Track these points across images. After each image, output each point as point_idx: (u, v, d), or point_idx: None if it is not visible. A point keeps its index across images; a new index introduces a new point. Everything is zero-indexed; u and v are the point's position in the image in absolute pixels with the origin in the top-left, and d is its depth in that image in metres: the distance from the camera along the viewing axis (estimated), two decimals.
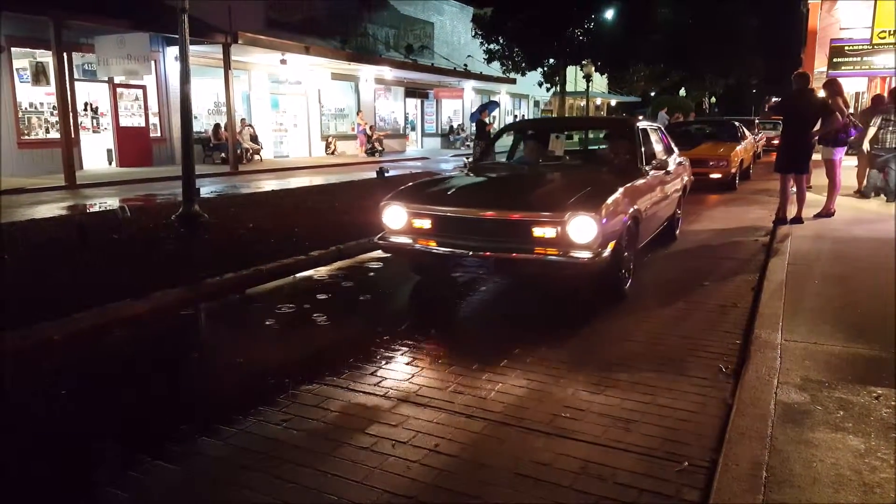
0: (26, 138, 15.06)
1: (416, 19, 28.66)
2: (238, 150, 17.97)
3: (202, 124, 19.18)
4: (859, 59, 16.08)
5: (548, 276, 5.39)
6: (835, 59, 16.55)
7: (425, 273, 5.79)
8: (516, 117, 36.78)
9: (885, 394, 3.10)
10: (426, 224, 4.98)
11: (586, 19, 30.09)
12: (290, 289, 5.70)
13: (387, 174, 14.00)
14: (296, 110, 23.33)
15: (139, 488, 2.58)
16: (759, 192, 12.10)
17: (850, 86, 18.93)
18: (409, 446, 2.85)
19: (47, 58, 14.07)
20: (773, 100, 23.32)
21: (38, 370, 3.87)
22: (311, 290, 5.55)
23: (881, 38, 13.62)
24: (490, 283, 5.74)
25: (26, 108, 15.18)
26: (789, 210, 7.90)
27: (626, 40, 29.63)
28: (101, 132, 17.07)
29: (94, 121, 17.02)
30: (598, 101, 43.93)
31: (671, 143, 7.45)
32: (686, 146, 11.93)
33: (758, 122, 22.80)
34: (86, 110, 16.70)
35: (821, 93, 8.28)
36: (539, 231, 4.56)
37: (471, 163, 6.79)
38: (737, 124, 14.73)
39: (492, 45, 31.05)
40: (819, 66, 19.41)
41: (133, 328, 4.59)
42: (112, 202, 10.71)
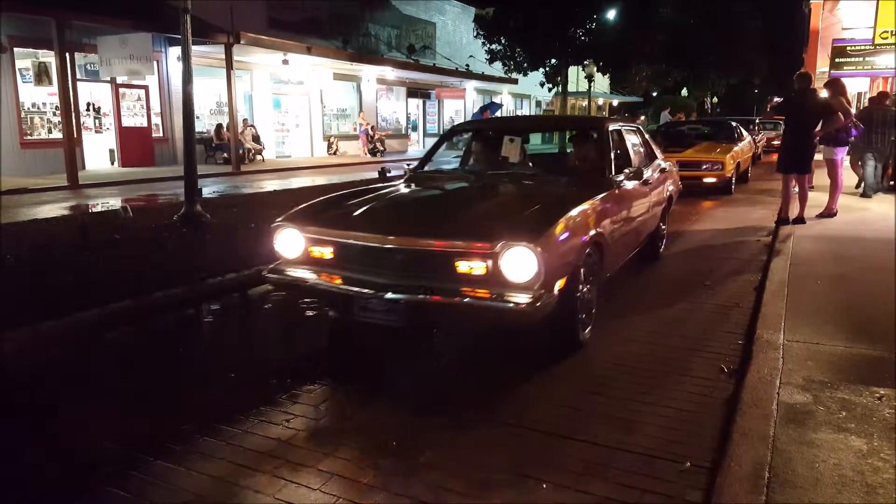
0: (29, 138, 15.08)
1: (418, 19, 28.65)
2: (240, 151, 17.98)
3: (204, 124, 19.19)
4: (861, 59, 16.07)
5: (479, 327, 4.25)
6: (837, 60, 16.54)
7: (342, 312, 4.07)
8: None
9: (887, 394, 3.09)
10: (328, 253, 3.87)
11: (588, 19, 30.09)
12: None
13: (389, 174, 13.96)
14: (298, 110, 23.35)
15: None
16: (761, 193, 12.08)
17: (851, 86, 18.90)
18: None
19: (50, 58, 14.08)
20: (776, 100, 23.28)
21: (37, 369, 3.88)
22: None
23: (883, 39, 13.63)
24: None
25: (29, 109, 15.21)
26: (791, 210, 7.89)
27: (627, 40, 29.62)
28: (104, 132, 17.08)
29: (97, 121, 17.04)
30: (601, 101, 43.93)
31: (654, 148, 6.48)
32: (679, 147, 11.52)
33: (758, 122, 22.74)
34: (88, 110, 16.72)
35: (823, 93, 8.27)
36: (465, 265, 3.47)
37: (410, 170, 5.49)
38: (734, 124, 13.88)
39: (493, 46, 31.06)
40: (821, 66, 19.39)
41: (133, 328, 4.60)
42: (114, 202, 10.72)
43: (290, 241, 3.98)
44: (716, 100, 48.57)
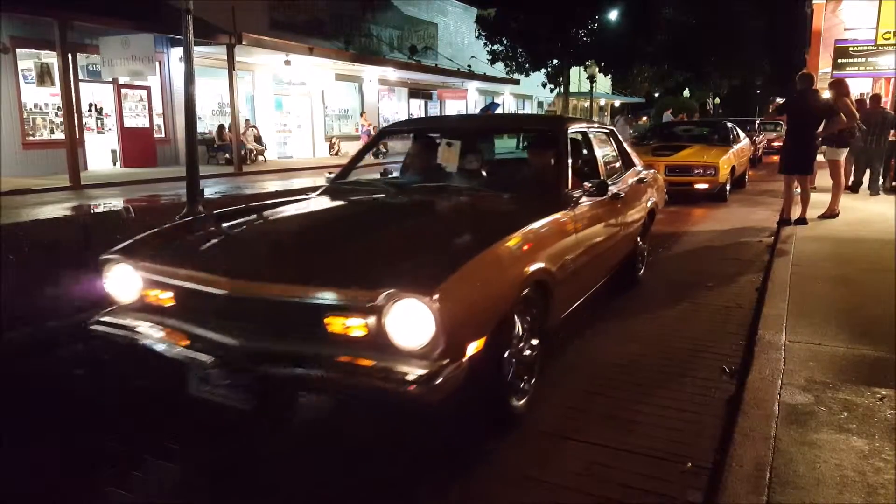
0: (31, 139, 15.11)
1: (419, 20, 28.68)
2: (242, 151, 18.00)
3: (206, 125, 19.21)
4: (863, 59, 16.04)
5: (361, 408, 3.23)
6: (839, 60, 16.52)
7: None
8: None
9: (889, 395, 3.09)
10: (167, 299, 2.90)
11: (590, 20, 30.09)
12: None
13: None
14: (300, 111, 23.36)
15: None
16: (762, 194, 12.07)
17: (854, 87, 18.91)
18: None
19: (52, 58, 14.09)
20: (778, 100, 23.32)
21: (37, 368, 3.87)
22: None
23: (885, 39, 13.65)
24: None
25: (31, 109, 15.23)
26: (793, 211, 7.88)
27: (629, 41, 29.60)
28: (106, 133, 17.10)
29: (99, 121, 17.06)
30: (602, 102, 43.93)
31: (631, 154, 5.53)
32: (668, 151, 10.92)
33: (759, 122, 22.66)
34: (90, 111, 16.74)
35: (826, 93, 8.27)
36: (339, 323, 2.52)
37: (328, 181, 4.76)
38: (729, 125, 12.81)
39: (495, 46, 31.03)
40: (823, 67, 19.37)
41: None
42: (116, 203, 10.74)
43: (123, 281, 3.02)
44: (718, 101, 48.54)
